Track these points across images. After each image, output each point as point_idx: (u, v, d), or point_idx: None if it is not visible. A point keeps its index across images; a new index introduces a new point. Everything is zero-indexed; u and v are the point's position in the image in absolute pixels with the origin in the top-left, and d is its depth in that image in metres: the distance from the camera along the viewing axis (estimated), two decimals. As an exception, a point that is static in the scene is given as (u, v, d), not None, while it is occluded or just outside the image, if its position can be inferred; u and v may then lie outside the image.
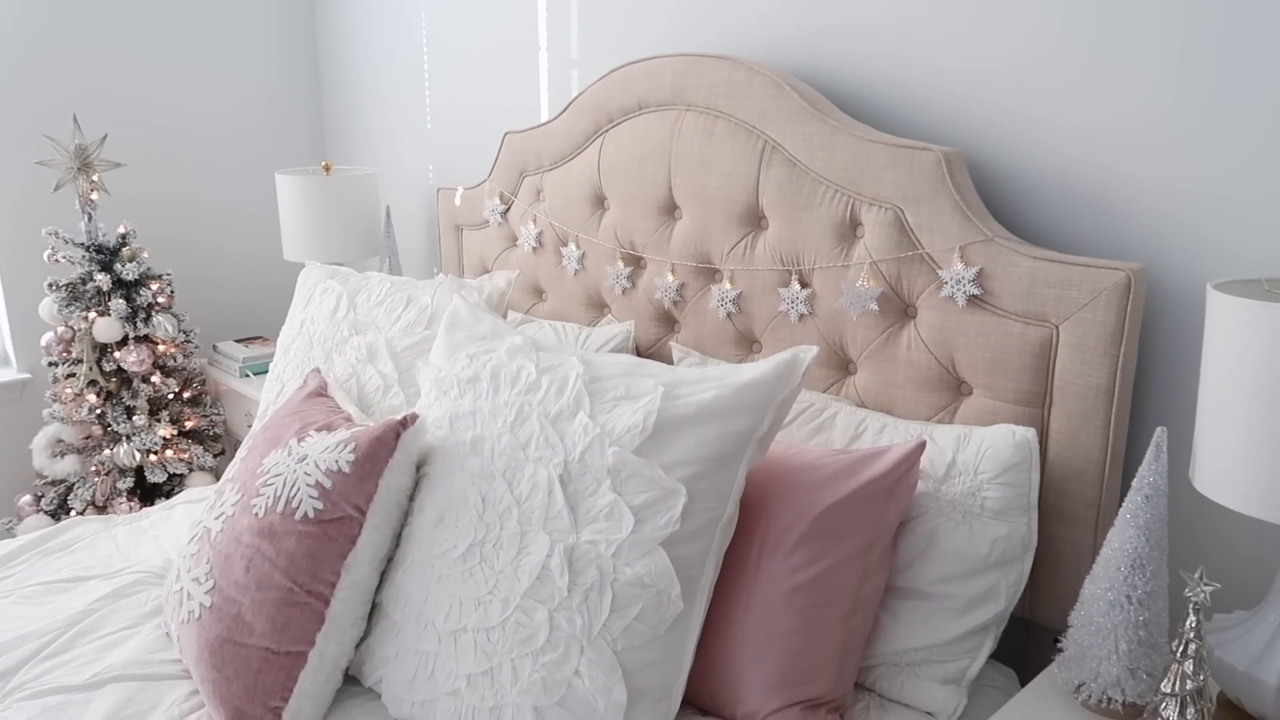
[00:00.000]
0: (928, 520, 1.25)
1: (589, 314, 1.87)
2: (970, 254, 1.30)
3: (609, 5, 1.92)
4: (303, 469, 1.24)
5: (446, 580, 1.20)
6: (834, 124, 1.42)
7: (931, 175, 1.32)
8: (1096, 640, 1.07)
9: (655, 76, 1.64)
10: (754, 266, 1.55)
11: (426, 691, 1.18)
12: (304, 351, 1.76)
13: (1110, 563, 1.06)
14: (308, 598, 1.20)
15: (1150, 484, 1.04)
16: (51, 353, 2.38)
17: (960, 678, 1.24)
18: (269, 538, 1.22)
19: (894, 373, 1.41)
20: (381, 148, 2.68)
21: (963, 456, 1.25)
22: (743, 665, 1.18)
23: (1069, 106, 1.32)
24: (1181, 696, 0.96)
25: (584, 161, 1.80)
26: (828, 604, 1.18)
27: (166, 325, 2.37)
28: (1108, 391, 1.22)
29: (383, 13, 2.54)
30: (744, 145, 1.52)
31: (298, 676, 1.19)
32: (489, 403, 1.26)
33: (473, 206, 2.08)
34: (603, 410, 1.18)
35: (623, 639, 1.10)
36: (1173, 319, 1.27)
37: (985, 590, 1.23)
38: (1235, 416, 0.96)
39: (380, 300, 1.74)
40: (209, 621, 1.23)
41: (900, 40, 1.48)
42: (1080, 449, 1.25)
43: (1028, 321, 1.27)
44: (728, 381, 1.16)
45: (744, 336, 1.61)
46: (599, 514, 1.13)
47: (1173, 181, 1.24)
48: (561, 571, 1.12)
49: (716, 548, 1.15)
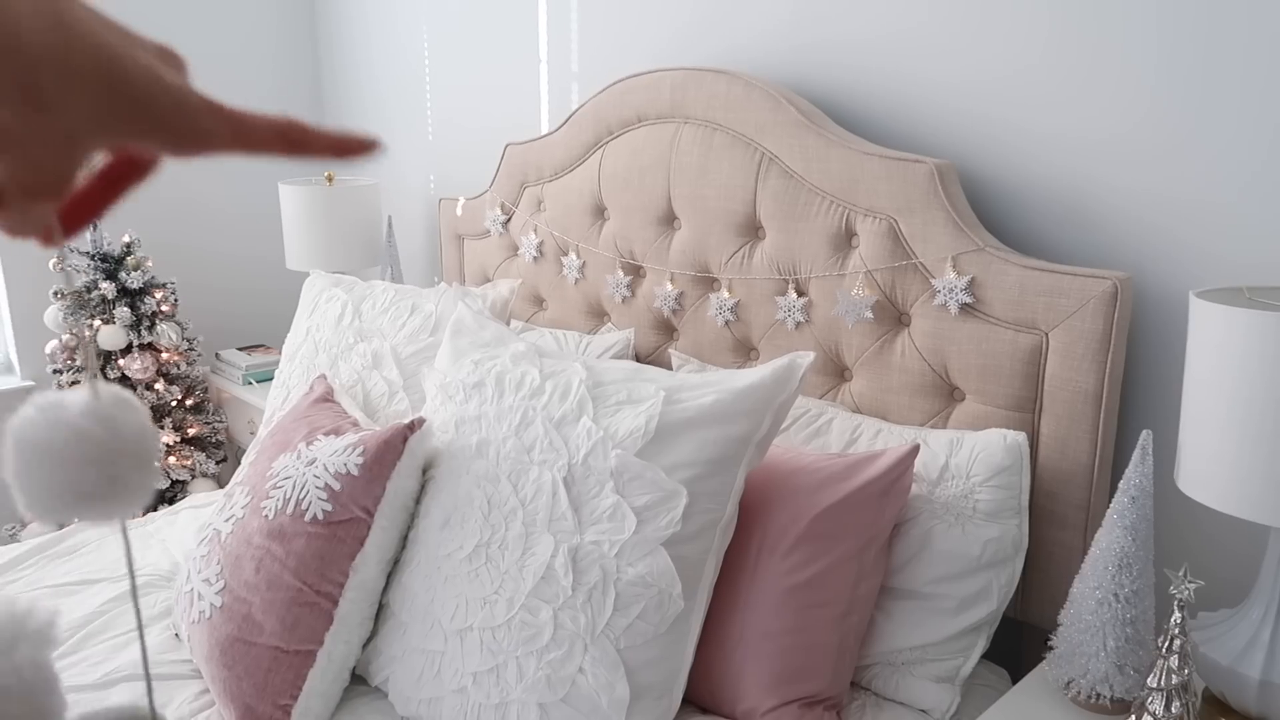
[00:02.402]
0: (921, 522, 1.28)
1: (589, 322, 1.90)
2: (962, 263, 1.34)
3: (609, 20, 1.96)
4: (312, 472, 1.27)
5: (453, 580, 1.22)
6: (829, 136, 1.46)
7: (924, 186, 1.36)
8: (1085, 638, 1.10)
9: (654, 90, 1.68)
10: (751, 275, 1.58)
11: (433, 689, 1.21)
12: (309, 358, 1.79)
13: (1098, 562, 1.09)
14: (317, 598, 1.23)
15: (1137, 485, 1.07)
16: (56, 360, 2.41)
17: (954, 676, 1.27)
18: (279, 539, 1.25)
19: (888, 379, 1.45)
20: (383, 159, 2.71)
21: (955, 460, 1.28)
22: (741, 663, 1.21)
23: (1053, 116, 1.36)
24: (1167, 691, 0.99)
25: (584, 173, 1.83)
26: (824, 604, 1.21)
27: (170, 333, 2.39)
28: (1096, 396, 1.25)
29: (384, 26, 2.57)
30: (741, 157, 1.56)
31: (307, 675, 1.22)
32: (494, 407, 1.30)
33: (474, 217, 2.12)
34: (605, 414, 1.21)
35: (625, 637, 1.13)
36: (1158, 326, 1.31)
37: (978, 590, 1.26)
38: (1217, 419, 0.99)
39: (385, 308, 1.77)
40: (219, 621, 1.26)
41: (893, 55, 1.52)
42: (1069, 452, 1.29)
43: (1018, 329, 1.30)
44: (727, 386, 1.19)
45: (742, 344, 1.64)
46: (602, 515, 1.16)
47: (1153, 188, 1.28)
48: (566, 571, 1.15)
49: (716, 548, 1.18)
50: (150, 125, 0.32)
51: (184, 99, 0.33)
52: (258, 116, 0.34)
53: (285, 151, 0.35)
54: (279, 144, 0.35)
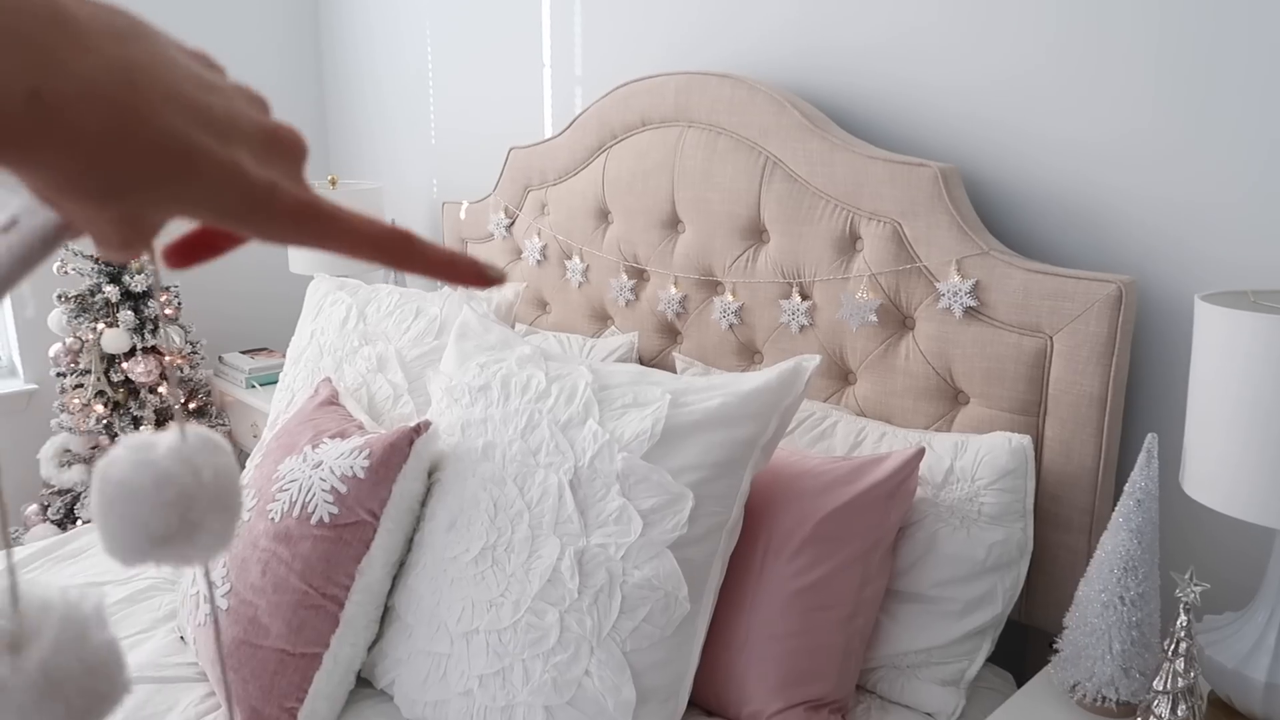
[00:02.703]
0: (926, 525, 1.28)
1: (593, 325, 1.90)
2: (966, 267, 1.34)
3: (613, 25, 1.96)
4: (318, 475, 1.28)
5: (459, 583, 1.23)
6: (833, 140, 1.46)
7: (928, 190, 1.36)
8: (1091, 641, 1.10)
9: (658, 94, 1.68)
10: (755, 279, 1.59)
11: (439, 692, 1.21)
12: (314, 361, 1.80)
13: (1104, 565, 1.10)
14: (323, 600, 1.23)
15: (1142, 488, 1.08)
16: (60, 363, 2.41)
17: (959, 679, 1.27)
18: (285, 542, 1.25)
19: (893, 382, 1.45)
20: (386, 162, 2.71)
21: (960, 463, 1.28)
22: (747, 666, 1.21)
23: (1057, 120, 1.36)
24: (1173, 694, 0.99)
25: (588, 176, 1.84)
26: (830, 607, 1.21)
27: (174, 336, 2.40)
28: (1100, 400, 1.25)
29: (387, 30, 2.58)
30: (745, 161, 1.56)
31: (313, 678, 1.22)
32: (500, 410, 1.30)
33: (477, 220, 2.12)
34: (611, 417, 1.21)
35: (631, 640, 1.13)
36: (1162, 329, 1.31)
37: (983, 593, 1.26)
38: (1222, 422, 0.99)
39: (389, 311, 1.77)
40: (226, 624, 1.26)
41: (897, 59, 1.52)
42: (1074, 455, 1.29)
43: (1023, 332, 1.31)
44: (733, 389, 1.20)
45: (746, 347, 1.65)
46: (608, 518, 1.16)
47: (1157, 192, 1.29)
48: (572, 574, 1.15)
49: (722, 551, 1.19)
50: (223, 217, 0.30)
51: (266, 197, 0.30)
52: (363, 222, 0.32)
53: (389, 264, 0.33)
54: (383, 255, 0.33)
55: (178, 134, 0.28)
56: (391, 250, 0.33)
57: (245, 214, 0.30)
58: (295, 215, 0.31)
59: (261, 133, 0.31)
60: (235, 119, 0.30)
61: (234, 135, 0.30)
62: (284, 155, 0.32)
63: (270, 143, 0.31)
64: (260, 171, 0.30)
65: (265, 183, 0.30)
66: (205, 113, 0.29)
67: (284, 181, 0.31)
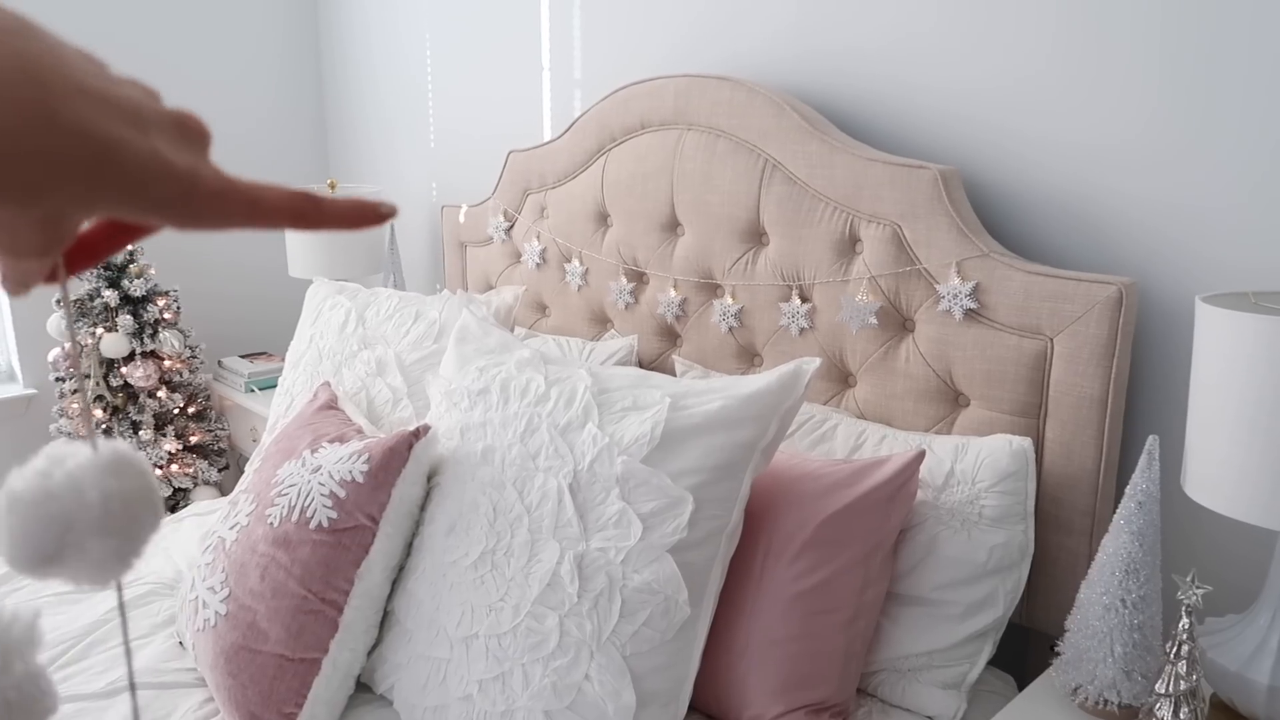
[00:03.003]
0: (927, 528, 1.28)
1: (592, 329, 1.90)
2: (966, 269, 1.34)
3: (612, 28, 1.96)
4: (317, 479, 1.27)
5: (458, 588, 1.22)
6: (833, 143, 1.46)
7: (928, 193, 1.36)
8: (1092, 644, 1.10)
9: (657, 96, 1.68)
10: (755, 282, 1.58)
11: (438, 697, 1.20)
12: (313, 365, 1.79)
13: (1105, 568, 1.09)
14: (322, 605, 1.23)
15: (1143, 491, 1.07)
16: (59, 368, 2.41)
17: (960, 683, 1.27)
18: (284, 546, 1.25)
19: (893, 385, 1.44)
20: (385, 166, 2.71)
21: (961, 466, 1.28)
22: (747, 670, 1.20)
23: (1057, 123, 1.36)
24: (1175, 697, 0.99)
25: (587, 179, 1.84)
26: (830, 610, 1.21)
27: (173, 341, 2.39)
28: (1101, 402, 1.25)
29: (386, 33, 2.58)
30: (745, 163, 1.56)
31: (312, 683, 1.22)
32: (499, 414, 1.30)
33: (476, 224, 2.12)
34: (611, 421, 1.21)
35: (631, 644, 1.12)
36: (1163, 331, 1.31)
37: (984, 596, 1.26)
38: (1224, 424, 0.99)
39: (389, 315, 1.77)
40: (225, 629, 1.26)
41: (897, 62, 1.52)
42: (1075, 458, 1.28)
43: (1023, 334, 1.30)
44: (733, 392, 1.19)
45: (745, 350, 1.64)
46: (608, 522, 1.16)
47: (1158, 194, 1.29)
48: (571, 578, 1.15)
49: (722, 555, 1.18)
50: (148, 209, 0.29)
51: (189, 184, 0.30)
52: (270, 192, 0.32)
53: (298, 226, 0.33)
54: (292, 219, 0.33)
55: (95, 127, 0.27)
56: (303, 213, 0.33)
57: (170, 204, 0.30)
58: (217, 199, 0.31)
59: (170, 120, 0.31)
60: (143, 108, 0.30)
61: (148, 124, 0.29)
62: (194, 141, 0.31)
63: (180, 129, 0.31)
64: (181, 158, 0.30)
65: (187, 170, 0.30)
66: (117, 104, 0.28)
67: (203, 167, 0.31)
